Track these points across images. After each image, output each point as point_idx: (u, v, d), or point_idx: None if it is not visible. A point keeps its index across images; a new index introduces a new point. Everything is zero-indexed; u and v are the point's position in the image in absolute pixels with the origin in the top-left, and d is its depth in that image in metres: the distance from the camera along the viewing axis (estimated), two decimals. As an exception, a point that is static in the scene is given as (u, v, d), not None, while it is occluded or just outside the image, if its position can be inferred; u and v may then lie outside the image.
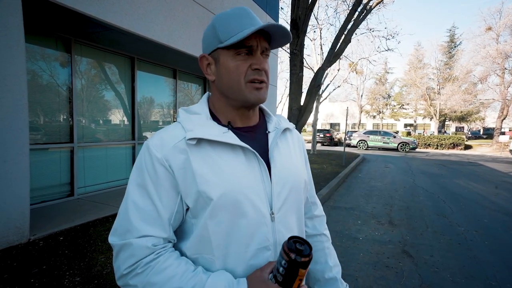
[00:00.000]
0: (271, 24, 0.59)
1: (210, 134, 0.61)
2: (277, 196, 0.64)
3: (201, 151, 0.60)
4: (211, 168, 0.59)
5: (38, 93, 3.67)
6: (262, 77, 0.63)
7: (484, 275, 2.58)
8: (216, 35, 0.62)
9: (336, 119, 41.84)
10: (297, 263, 0.49)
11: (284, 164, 0.69)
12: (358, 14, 5.99)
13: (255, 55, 0.62)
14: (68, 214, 3.39)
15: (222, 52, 0.63)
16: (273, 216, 0.63)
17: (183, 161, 0.59)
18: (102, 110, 4.60)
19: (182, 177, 0.59)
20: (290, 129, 0.78)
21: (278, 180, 0.65)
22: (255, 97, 0.64)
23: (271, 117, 0.76)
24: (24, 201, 2.64)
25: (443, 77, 28.25)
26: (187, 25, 4.57)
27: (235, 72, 0.62)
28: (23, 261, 2.30)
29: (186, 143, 0.60)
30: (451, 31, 30.64)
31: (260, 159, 0.64)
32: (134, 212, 0.58)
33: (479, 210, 4.73)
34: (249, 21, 0.61)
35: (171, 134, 0.62)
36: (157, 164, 0.59)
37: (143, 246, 0.56)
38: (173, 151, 0.60)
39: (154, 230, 0.57)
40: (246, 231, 0.60)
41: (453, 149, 20.05)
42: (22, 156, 2.61)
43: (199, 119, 0.65)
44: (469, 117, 31.39)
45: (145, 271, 0.55)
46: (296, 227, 0.70)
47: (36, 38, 3.57)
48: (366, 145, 17.75)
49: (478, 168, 10.22)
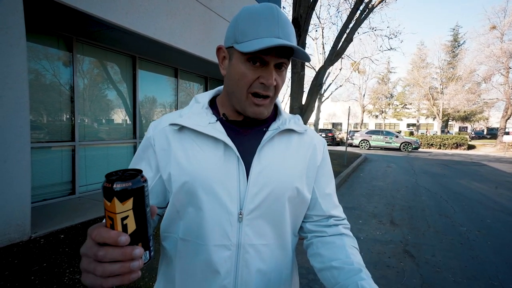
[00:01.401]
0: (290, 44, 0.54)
1: (193, 123, 0.61)
2: (251, 198, 0.59)
3: (183, 137, 0.62)
4: (186, 154, 0.60)
5: (40, 91, 3.68)
6: (267, 92, 0.59)
7: (486, 275, 2.55)
8: (235, 32, 0.58)
9: (338, 119, 41.71)
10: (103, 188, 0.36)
11: (272, 165, 0.62)
12: (360, 13, 5.96)
13: (267, 68, 0.58)
14: (69, 212, 3.41)
15: (235, 52, 0.59)
16: (241, 217, 0.59)
17: (166, 143, 0.62)
18: (103, 109, 4.61)
19: (163, 158, 0.62)
20: (299, 132, 0.68)
21: (256, 182, 0.60)
22: (253, 112, 0.61)
23: (281, 115, 0.70)
24: (25, 199, 2.65)
25: (447, 77, 28.05)
26: (188, 24, 4.57)
27: (241, 79, 0.58)
28: (24, 258, 2.31)
29: (171, 128, 0.63)
30: (454, 30, 30.40)
31: (238, 157, 0.60)
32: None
33: (482, 210, 4.69)
34: (271, 28, 0.55)
35: (169, 117, 0.66)
36: (147, 142, 0.65)
37: None
38: (160, 133, 0.64)
39: None
40: (207, 224, 0.58)
41: (456, 149, 19.91)
42: (23, 154, 2.62)
43: (197, 107, 0.66)
44: (472, 117, 31.14)
45: None
46: (272, 235, 0.62)
47: (37, 36, 3.59)
48: (368, 145, 17.67)
49: (481, 168, 10.14)
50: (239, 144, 0.61)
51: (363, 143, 17.78)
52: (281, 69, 0.60)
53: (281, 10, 0.58)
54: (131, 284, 2.08)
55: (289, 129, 0.66)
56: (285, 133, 0.67)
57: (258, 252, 0.60)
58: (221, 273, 0.58)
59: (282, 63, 0.59)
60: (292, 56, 0.61)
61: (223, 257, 0.58)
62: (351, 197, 5.35)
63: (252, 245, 0.60)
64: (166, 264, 0.66)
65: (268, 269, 0.62)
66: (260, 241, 0.61)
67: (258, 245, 0.60)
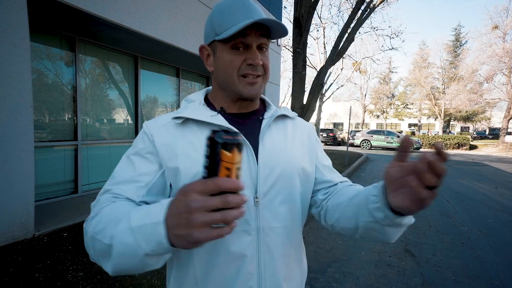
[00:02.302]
0: (262, 18, 0.57)
1: (197, 115, 0.63)
2: (264, 180, 0.62)
3: (186, 130, 0.63)
4: (194, 146, 0.61)
5: (43, 91, 3.71)
6: (256, 72, 0.63)
7: (487, 275, 2.55)
8: (213, 27, 0.62)
9: (339, 119, 41.65)
10: (217, 143, 0.38)
11: (276, 148, 0.66)
12: (361, 12, 5.96)
13: (250, 49, 0.61)
14: (72, 211, 3.44)
15: (218, 45, 0.63)
16: (257, 201, 0.61)
17: (168, 138, 0.63)
18: (105, 109, 4.64)
19: (165, 153, 0.61)
20: (291, 117, 0.74)
21: (265, 164, 0.63)
22: (248, 92, 0.63)
23: (271, 106, 0.75)
24: (29, 198, 2.67)
25: (448, 77, 27.93)
26: (190, 24, 4.59)
27: (229, 66, 0.62)
28: (28, 256, 2.33)
29: (174, 123, 0.64)
30: (456, 30, 30.27)
31: (246, 141, 0.62)
32: (113, 177, 0.62)
33: (483, 210, 4.68)
34: (244, 13, 0.59)
35: (165, 116, 0.67)
36: (145, 139, 0.64)
37: (106, 199, 0.57)
38: (160, 129, 0.64)
39: (123, 191, 0.58)
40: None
41: (458, 149, 19.84)
42: (27, 153, 2.65)
43: (193, 105, 0.68)
44: (474, 117, 31.01)
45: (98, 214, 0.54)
46: (288, 216, 0.65)
47: (40, 36, 3.62)
48: (369, 145, 17.64)
49: (483, 168, 10.11)
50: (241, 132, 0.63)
51: (364, 143, 17.75)
52: (263, 50, 0.64)
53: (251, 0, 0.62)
54: (135, 282, 2.10)
55: (282, 115, 0.72)
56: (279, 119, 0.72)
57: (277, 235, 0.62)
58: (245, 259, 0.59)
59: (263, 44, 0.63)
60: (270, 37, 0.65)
61: (245, 242, 0.59)
62: (352, 196, 5.35)
63: (271, 228, 0.61)
64: (179, 262, 0.63)
65: (287, 252, 0.64)
66: (278, 223, 0.63)
67: (277, 227, 0.62)
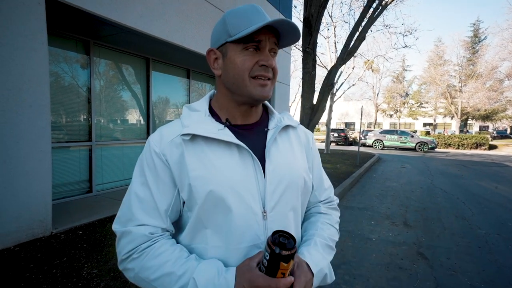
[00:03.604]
0: (280, 19, 0.58)
1: (205, 130, 0.62)
2: (271, 195, 0.64)
3: (195, 147, 0.62)
4: (203, 163, 0.61)
5: (59, 93, 3.86)
6: (268, 74, 0.63)
7: (506, 280, 2.46)
8: (226, 29, 0.63)
9: (351, 118, 40.99)
10: (279, 256, 0.50)
11: (282, 161, 0.67)
12: (373, 10, 5.84)
13: (263, 51, 0.62)
14: (86, 209, 3.55)
15: (230, 46, 0.63)
16: (265, 215, 0.62)
17: (178, 155, 0.62)
18: (118, 110, 4.76)
19: (177, 171, 0.62)
20: (294, 127, 0.76)
21: (272, 178, 0.64)
22: (259, 93, 0.63)
23: (274, 114, 0.75)
24: (47, 196, 2.79)
25: (466, 74, 26.93)
26: (200, 26, 4.65)
27: (241, 66, 0.62)
28: (46, 252, 2.43)
29: (182, 139, 0.63)
30: (475, 25, 29.12)
31: (254, 157, 0.63)
32: (135, 202, 0.62)
33: (503, 213, 4.50)
34: (259, 17, 0.61)
35: (170, 129, 0.66)
36: (156, 158, 0.63)
37: (141, 234, 0.60)
38: (169, 146, 0.63)
39: (152, 220, 0.61)
40: (236, 227, 0.60)
41: (476, 149, 19.10)
42: (45, 154, 2.76)
43: (198, 116, 0.67)
44: (494, 115, 29.74)
45: (141, 256, 0.59)
46: (293, 227, 0.68)
47: (57, 40, 3.76)
48: (382, 145, 17.27)
49: (503, 169, 9.70)
50: (248, 145, 0.64)
51: (376, 143, 17.39)
52: (273, 54, 0.65)
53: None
54: None
55: (286, 125, 0.73)
56: (283, 130, 0.72)
57: None
58: None
59: (273, 49, 0.65)
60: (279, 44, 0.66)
61: None
62: (363, 197, 5.26)
63: None
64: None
65: None
66: None
67: None
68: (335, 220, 0.81)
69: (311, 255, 0.65)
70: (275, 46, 0.64)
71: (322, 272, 0.65)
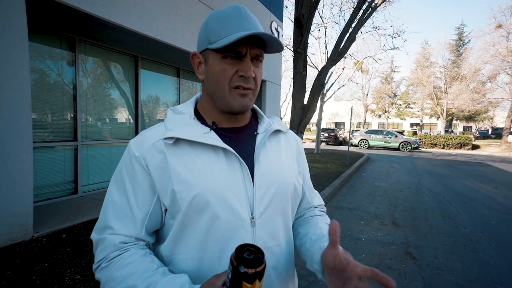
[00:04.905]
0: (260, 32, 0.55)
1: (189, 134, 0.59)
2: (260, 200, 0.61)
3: (179, 151, 0.59)
4: (188, 168, 0.58)
5: (43, 91, 3.71)
6: (248, 84, 0.60)
7: (489, 279, 2.52)
8: (207, 35, 0.60)
9: (341, 118, 41.54)
10: (240, 274, 0.44)
11: (271, 166, 0.65)
12: (363, 12, 5.91)
13: (244, 61, 0.59)
14: (71, 212, 3.43)
15: (211, 53, 0.60)
16: (254, 221, 0.60)
17: (160, 160, 0.59)
18: (106, 109, 4.63)
19: (159, 177, 0.58)
20: (284, 131, 0.74)
21: (261, 183, 0.62)
22: (239, 104, 0.61)
23: (264, 118, 0.73)
24: (27, 199, 2.67)
25: (451, 76, 27.77)
26: (190, 24, 4.57)
27: (220, 76, 0.59)
28: (26, 258, 2.33)
29: (165, 143, 0.59)
30: (459, 29, 30.09)
31: (241, 161, 0.61)
32: (111, 209, 0.60)
33: (486, 212, 4.64)
34: (238, 24, 0.57)
35: (152, 133, 0.62)
36: (135, 163, 0.60)
37: (112, 243, 0.57)
38: (151, 150, 0.59)
39: (125, 229, 0.58)
40: (222, 234, 0.57)
41: (460, 149, 19.72)
42: (26, 154, 2.64)
43: (183, 118, 0.64)
44: (477, 116, 30.83)
45: (109, 265, 0.57)
46: (282, 234, 0.66)
47: (40, 37, 3.61)
48: (367, 144, 17.68)
49: (486, 169, 10.04)
50: (236, 149, 0.61)
51: (362, 143, 17.80)
52: (257, 62, 0.61)
53: (247, 10, 0.60)
54: None
55: (276, 130, 0.71)
56: (273, 134, 0.71)
57: (273, 254, 0.62)
58: None
59: (257, 56, 0.61)
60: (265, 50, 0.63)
61: None
62: (353, 197, 5.32)
63: (267, 247, 0.61)
64: None
65: (281, 267, 0.64)
66: (274, 242, 0.63)
67: (272, 246, 0.62)
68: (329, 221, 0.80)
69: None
70: (259, 52, 0.60)
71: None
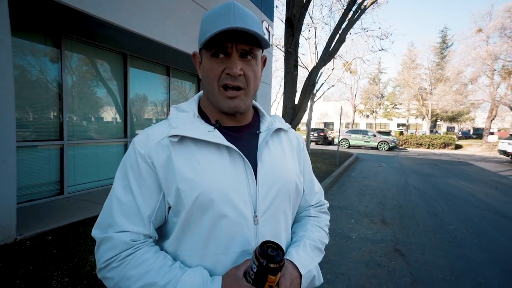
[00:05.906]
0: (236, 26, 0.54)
1: (194, 132, 0.59)
2: (263, 199, 0.62)
3: (184, 149, 0.59)
4: (192, 166, 0.58)
5: (27, 89, 3.56)
6: (235, 82, 0.59)
7: (473, 273, 2.62)
8: (200, 34, 0.61)
9: (330, 118, 42.07)
10: (266, 268, 0.49)
11: (274, 165, 0.65)
12: (352, 13, 6.01)
13: (230, 58, 0.58)
14: (57, 213, 3.32)
15: (204, 52, 0.61)
16: (257, 220, 0.60)
17: (165, 158, 0.59)
18: (93, 107, 4.50)
19: (164, 174, 0.58)
20: (285, 130, 0.75)
21: (264, 182, 0.62)
22: (227, 106, 0.61)
23: (265, 117, 0.74)
24: (10, 200, 2.56)
25: (435, 78, 28.63)
26: (182, 23, 4.51)
27: (210, 75, 0.60)
28: (9, 262, 2.23)
29: (169, 141, 0.59)
30: (443, 32, 31.05)
31: (245, 160, 0.61)
32: (116, 207, 0.58)
33: (469, 209, 4.82)
34: (226, 20, 0.55)
35: (157, 131, 0.62)
36: (140, 161, 0.59)
37: (122, 241, 0.56)
38: (156, 148, 0.59)
39: (134, 226, 0.57)
40: (225, 232, 0.58)
41: (444, 148, 20.39)
42: (9, 154, 2.53)
43: (187, 117, 0.63)
44: (459, 117, 31.94)
45: (121, 264, 0.56)
46: (283, 231, 0.67)
47: (23, 33, 3.47)
48: (348, 144, 18.13)
49: (468, 168, 10.42)
50: (239, 148, 0.62)
51: (343, 142, 18.30)
52: (247, 58, 0.60)
53: (239, 5, 0.59)
54: None
55: (278, 128, 0.71)
56: (275, 132, 0.71)
57: None
58: None
59: (248, 52, 0.59)
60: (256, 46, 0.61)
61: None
62: (343, 196, 5.41)
63: None
64: None
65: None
66: (276, 240, 0.62)
67: None
68: (325, 223, 0.81)
69: (300, 257, 0.64)
70: (247, 48, 0.58)
71: (310, 274, 0.64)
